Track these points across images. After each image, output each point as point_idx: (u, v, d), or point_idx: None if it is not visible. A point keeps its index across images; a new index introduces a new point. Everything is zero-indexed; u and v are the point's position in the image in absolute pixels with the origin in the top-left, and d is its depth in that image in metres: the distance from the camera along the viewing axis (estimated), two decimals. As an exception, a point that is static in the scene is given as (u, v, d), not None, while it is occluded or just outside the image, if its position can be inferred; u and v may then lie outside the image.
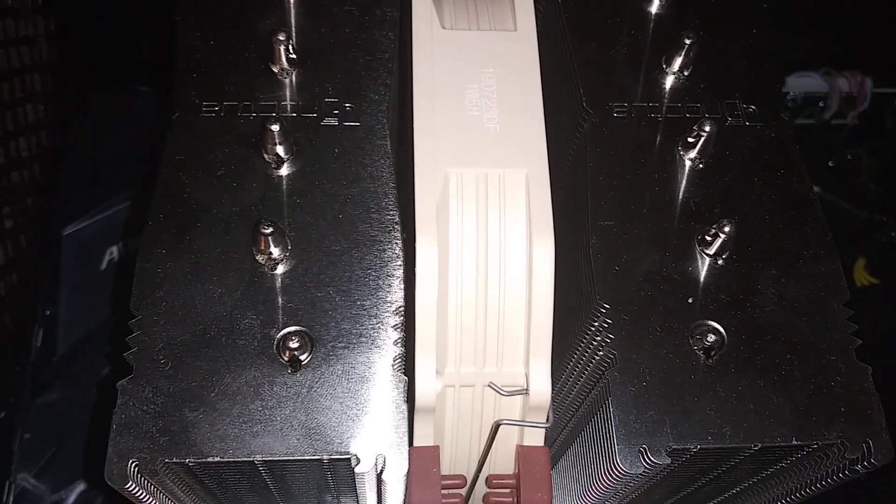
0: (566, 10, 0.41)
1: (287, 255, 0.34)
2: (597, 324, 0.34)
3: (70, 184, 0.70)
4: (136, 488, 0.30)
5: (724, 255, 0.35)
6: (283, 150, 0.35)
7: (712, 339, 0.33)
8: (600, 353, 0.34)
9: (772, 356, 0.33)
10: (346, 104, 0.38)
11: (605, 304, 0.34)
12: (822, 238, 0.36)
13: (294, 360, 0.32)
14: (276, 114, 0.37)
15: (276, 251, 0.33)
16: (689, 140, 0.37)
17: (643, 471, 0.31)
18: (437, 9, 0.38)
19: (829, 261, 0.36)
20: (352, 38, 0.39)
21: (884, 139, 0.82)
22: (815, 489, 0.35)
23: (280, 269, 0.34)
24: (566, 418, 0.40)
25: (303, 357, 0.32)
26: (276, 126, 0.35)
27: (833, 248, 0.36)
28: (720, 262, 0.35)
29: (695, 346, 0.33)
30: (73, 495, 0.59)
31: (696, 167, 0.37)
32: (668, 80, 0.40)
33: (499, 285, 0.34)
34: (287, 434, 0.31)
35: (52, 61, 0.68)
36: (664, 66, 0.40)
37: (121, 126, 0.72)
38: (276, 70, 0.38)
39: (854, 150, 0.82)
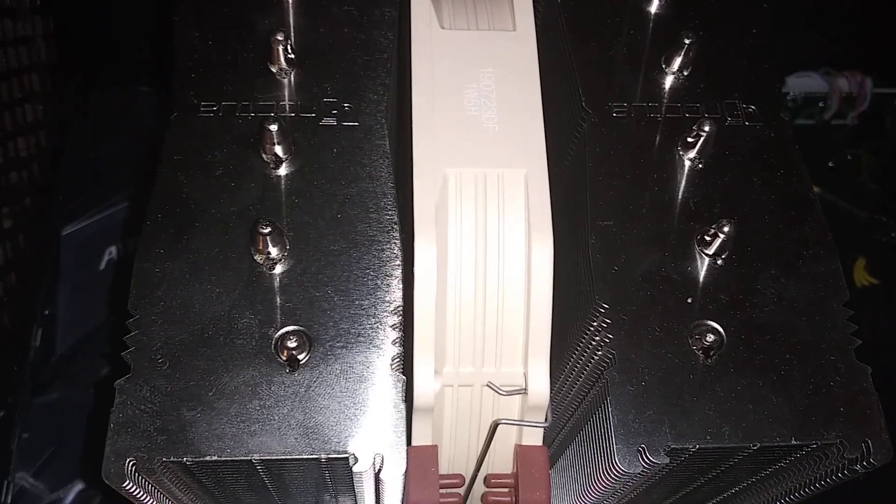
0: (565, 10, 0.41)
1: (285, 254, 0.34)
2: (596, 323, 0.34)
3: (69, 184, 0.70)
4: (134, 487, 0.30)
5: (724, 255, 0.35)
6: (281, 149, 0.35)
7: (711, 338, 0.33)
8: (599, 353, 0.34)
9: (771, 356, 0.33)
10: (345, 104, 0.38)
11: (604, 304, 0.34)
12: (822, 238, 0.36)
13: (292, 360, 0.32)
14: (274, 114, 0.37)
15: (274, 251, 0.33)
16: (689, 140, 0.37)
17: (642, 470, 0.31)
18: (436, 9, 0.38)
19: (829, 261, 0.36)
20: (350, 38, 0.39)
21: (884, 139, 0.82)
22: (814, 489, 0.35)
23: (278, 269, 0.34)
24: (565, 418, 0.40)
25: (301, 356, 0.32)
26: (275, 126, 0.34)
27: (833, 248, 0.36)
28: (719, 262, 0.35)
29: (694, 345, 0.33)
30: (72, 495, 0.59)
31: (695, 167, 0.37)
32: (668, 80, 0.40)
33: (497, 285, 0.34)
34: (285, 433, 0.31)
35: (51, 61, 0.68)
36: (663, 66, 0.40)
37: (120, 126, 0.72)
38: (274, 70, 0.38)
39: (854, 150, 0.82)
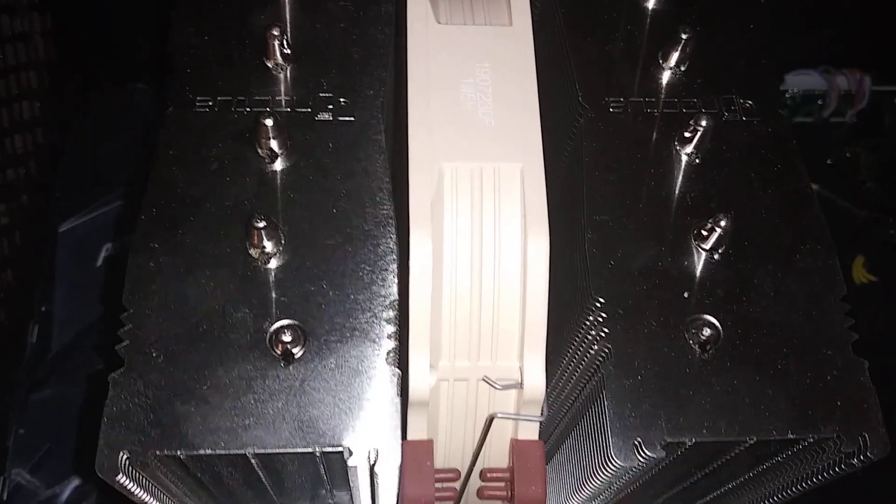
0: (562, 5, 0.41)
1: (280, 249, 0.34)
2: (592, 318, 0.34)
3: (66, 181, 0.70)
4: (128, 481, 0.30)
5: (720, 250, 0.35)
6: (276, 144, 0.35)
7: (708, 333, 0.33)
8: (595, 348, 0.34)
9: (768, 350, 0.33)
10: (341, 99, 0.38)
11: (600, 299, 0.34)
12: (819, 233, 0.36)
13: (287, 354, 0.32)
14: (270, 109, 0.37)
15: (269, 245, 0.33)
16: (686, 135, 0.37)
17: (638, 464, 0.31)
18: (433, 4, 0.37)
19: (826, 256, 0.36)
20: (347, 33, 0.39)
21: (883, 137, 0.82)
22: (811, 483, 0.35)
23: (273, 264, 0.34)
24: (561, 413, 0.40)
25: (295, 350, 0.32)
26: (270, 120, 0.34)
27: (830, 243, 0.36)
28: (716, 256, 0.35)
29: (690, 340, 0.33)
30: (68, 491, 0.59)
31: (692, 162, 0.37)
32: (665, 76, 0.40)
33: (493, 279, 0.34)
34: (279, 427, 0.30)
35: (49, 58, 0.68)
36: (661, 62, 0.40)
37: (117, 123, 0.72)
38: (270, 65, 0.38)
39: (853, 148, 0.82)
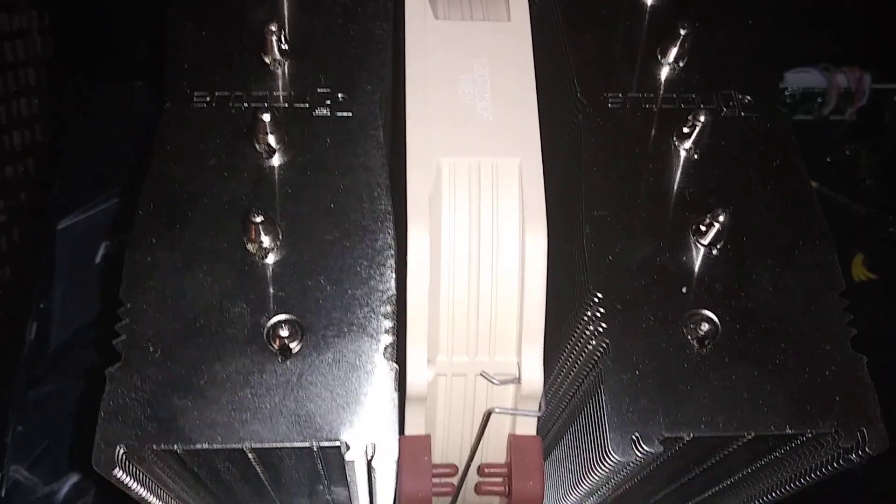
0: (560, 1, 0.41)
1: (278, 244, 0.34)
2: (590, 313, 0.34)
3: (65, 178, 0.70)
4: (124, 475, 0.29)
5: (719, 245, 0.35)
6: (274, 139, 0.35)
7: (706, 328, 0.33)
8: (593, 343, 0.33)
9: (766, 345, 0.33)
10: (339, 95, 0.38)
11: (598, 294, 0.34)
12: (818, 228, 0.36)
13: (284, 349, 0.32)
14: (267, 104, 0.37)
15: (266, 240, 0.33)
16: (684, 130, 0.37)
17: (635, 459, 0.31)
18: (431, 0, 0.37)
19: (825, 251, 0.35)
20: (345, 28, 0.39)
21: (882, 135, 0.82)
22: (809, 479, 0.35)
23: (271, 259, 0.34)
24: (560, 410, 0.40)
25: (293, 345, 0.32)
26: (268, 116, 0.34)
27: (829, 238, 0.36)
28: (715, 251, 0.35)
29: (688, 335, 0.33)
30: (66, 487, 0.59)
31: (690, 157, 0.37)
32: (664, 71, 0.40)
33: (491, 274, 0.33)
34: (276, 421, 0.30)
35: (47, 56, 0.68)
36: (659, 57, 0.39)
37: (116, 121, 0.72)
38: (268, 61, 0.38)
39: (852, 145, 0.82)
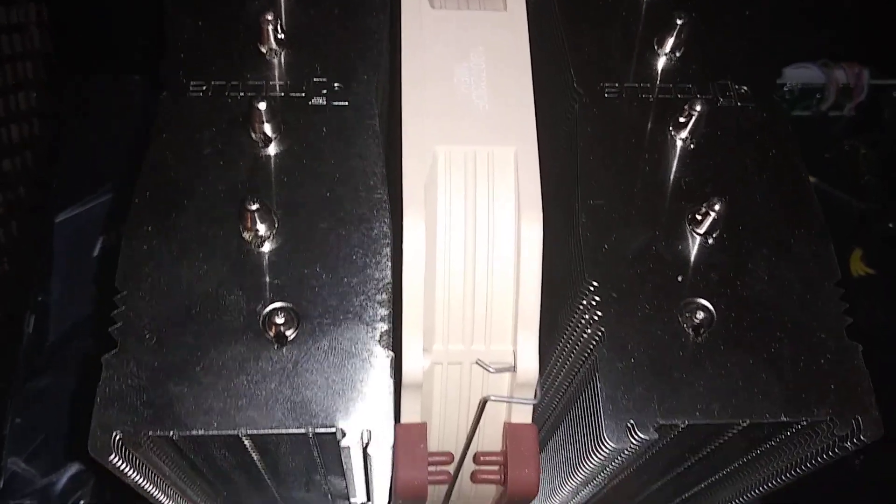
0: (557, -9, 0.41)
1: (274, 232, 0.34)
2: (585, 302, 0.34)
3: (63, 172, 0.70)
4: (120, 461, 0.29)
5: (715, 234, 0.35)
6: (270, 128, 0.35)
7: (701, 316, 0.33)
8: (589, 331, 0.33)
9: (761, 334, 0.33)
10: (335, 84, 0.38)
11: (594, 282, 0.34)
12: (814, 218, 0.36)
13: (280, 336, 0.32)
14: (264, 93, 0.37)
15: (262, 228, 0.33)
16: (681, 120, 0.37)
17: (630, 446, 0.31)
18: (427, -12, 0.37)
19: (821, 240, 0.36)
20: (341, 18, 0.39)
21: (881, 130, 0.82)
22: (805, 469, 0.35)
23: (267, 247, 0.34)
24: (556, 400, 0.40)
25: (289, 333, 0.32)
26: (264, 104, 0.34)
27: (824, 227, 0.36)
28: (710, 240, 0.35)
29: (684, 323, 0.33)
30: (63, 479, 0.59)
31: (687, 147, 0.37)
32: (660, 62, 0.40)
33: (487, 263, 0.33)
34: (272, 408, 0.30)
35: (45, 49, 0.68)
36: (656, 48, 0.39)
37: (114, 114, 0.72)
38: (264, 50, 0.38)
39: (851, 141, 0.82)
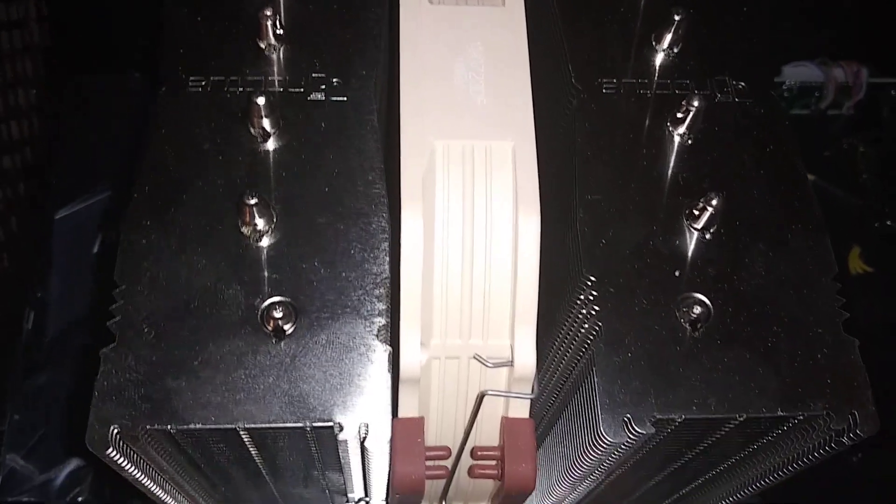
0: (555, -13, 0.41)
1: (272, 227, 0.34)
2: (583, 296, 0.34)
3: (62, 168, 0.70)
4: (118, 455, 0.30)
5: (712, 229, 0.35)
6: (269, 123, 0.35)
7: (698, 311, 0.33)
8: (586, 326, 0.34)
9: (758, 328, 0.33)
10: (334, 79, 0.38)
11: (592, 277, 0.34)
12: (811, 213, 0.36)
13: (278, 330, 0.32)
14: (263, 88, 0.37)
15: (260, 223, 0.33)
16: (678, 115, 0.37)
17: (627, 441, 0.31)
18: (425, -17, 0.37)
19: (818, 235, 0.36)
20: (340, 13, 0.39)
21: (880, 129, 0.82)
22: (802, 464, 0.35)
23: (265, 242, 0.34)
24: (554, 395, 0.40)
25: (287, 327, 0.32)
26: (262, 99, 0.34)
27: (821, 222, 0.36)
28: (708, 235, 0.35)
29: (681, 318, 0.33)
30: (62, 476, 0.59)
31: (684, 142, 0.37)
32: (658, 57, 0.40)
33: (485, 257, 0.33)
34: (270, 402, 0.31)
35: (45, 45, 0.68)
36: (654, 43, 0.40)
37: (114, 111, 0.72)
38: (263, 46, 0.38)
39: (850, 139, 0.82)
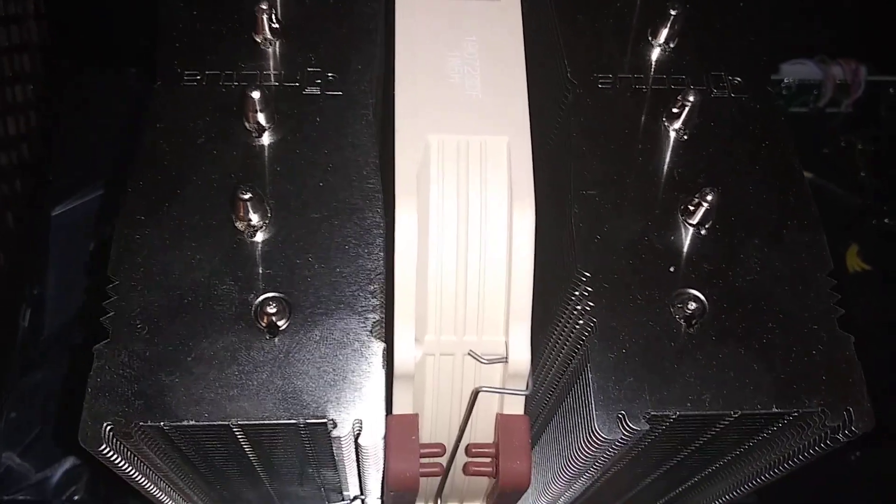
0: (552, -18, 0.41)
1: (267, 222, 0.34)
2: (577, 292, 0.34)
3: (59, 165, 0.70)
4: (111, 451, 0.29)
5: (707, 225, 0.35)
6: (264, 117, 0.35)
7: (693, 307, 0.33)
8: (581, 322, 0.33)
9: (753, 325, 0.33)
10: (329, 74, 0.38)
11: (586, 273, 0.34)
12: (806, 209, 0.36)
13: (272, 326, 0.32)
14: (258, 83, 0.37)
15: (254, 218, 0.33)
16: (674, 111, 0.37)
17: (621, 437, 0.31)
18: (421, -22, 0.37)
19: (813, 231, 0.36)
20: (336, 8, 0.39)
21: (878, 127, 0.82)
22: (797, 461, 0.35)
23: (259, 237, 0.34)
24: (549, 392, 0.40)
25: (280, 323, 0.32)
26: (257, 93, 0.34)
27: (817, 218, 0.36)
28: (703, 231, 0.35)
29: (676, 314, 0.33)
30: (58, 474, 0.59)
31: (680, 138, 0.37)
32: (654, 52, 0.39)
33: (479, 253, 0.33)
34: (263, 398, 0.30)
35: (43, 41, 0.68)
36: (650, 38, 0.39)
37: (111, 108, 0.72)
38: (259, 40, 0.38)
39: (848, 137, 0.82)
